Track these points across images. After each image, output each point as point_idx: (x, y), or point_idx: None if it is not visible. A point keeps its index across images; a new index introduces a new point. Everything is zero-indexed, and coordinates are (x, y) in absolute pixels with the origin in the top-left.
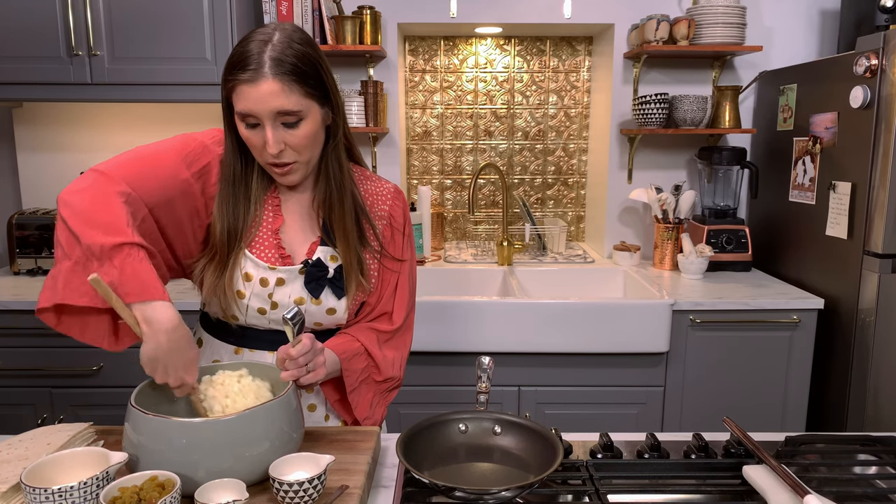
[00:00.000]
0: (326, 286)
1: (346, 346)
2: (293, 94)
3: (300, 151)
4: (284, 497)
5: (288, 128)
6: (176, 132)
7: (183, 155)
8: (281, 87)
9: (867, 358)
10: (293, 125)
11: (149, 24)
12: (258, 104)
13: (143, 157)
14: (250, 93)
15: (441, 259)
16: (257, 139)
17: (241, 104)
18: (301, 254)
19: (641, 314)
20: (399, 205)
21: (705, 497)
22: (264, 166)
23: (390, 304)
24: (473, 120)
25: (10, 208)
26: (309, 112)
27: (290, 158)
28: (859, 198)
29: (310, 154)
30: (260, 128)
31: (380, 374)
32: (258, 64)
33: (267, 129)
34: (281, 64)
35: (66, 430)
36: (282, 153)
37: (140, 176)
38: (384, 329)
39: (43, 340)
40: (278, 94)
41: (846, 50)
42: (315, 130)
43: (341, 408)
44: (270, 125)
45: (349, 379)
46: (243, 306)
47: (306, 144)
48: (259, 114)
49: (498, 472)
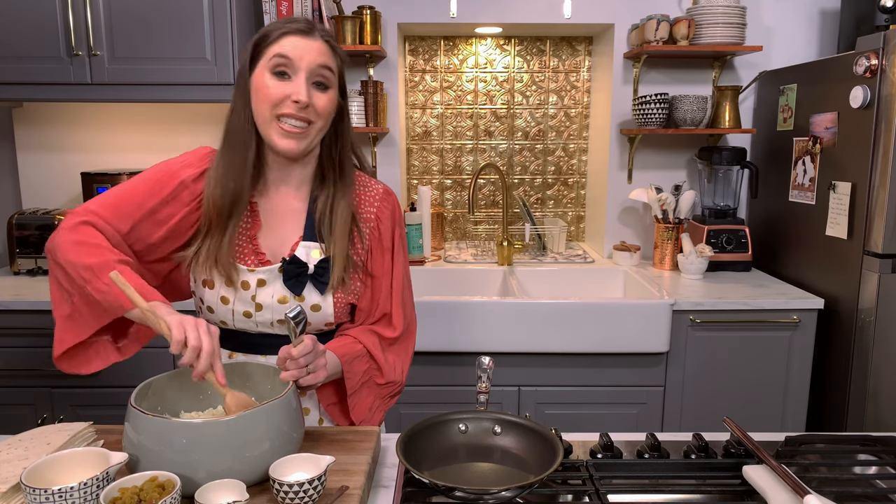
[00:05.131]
0: (308, 282)
1: (347, 348)
2: (334, 60)
3: (321, 115)
4: (284, 498)
5: (317, 88)
6: (176, 132)
7: (149, 187)
8: (328, 50)
9: (867, 358)
10: (323, 87)
11: (149, 24)
12: (308, 53)
13: (114, 194)
14: (302, 42)
15: (441, 259)
16: (280, 89)
17: (286, 48)
18: (283, 254)
19: (641, 314)
20: (388, 207)
21: (705, 497)
22: (269, 123)
23: (388, 304)
24: (473, 120)
25: (10, 208)
26: (334, 86)
27: (311, 116)
28: (859, 198)
29: (324, 123)
30: (287, 78)
31: (382, 377)
32: (310, 25)
33: (301, 79)
34: (330, 37)
35: (66, 430)
36: (307, 108)
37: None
38: (387, 335)
39: (43, 340)
40: (325, 53)
41: (846, 50)
42: (333, 103)
43: (337, 411)
44: (306, 76)
45: (350, 381)
46: (229, 311)
47: (327, 111)
48: (302, 61)
49: (498, 472)
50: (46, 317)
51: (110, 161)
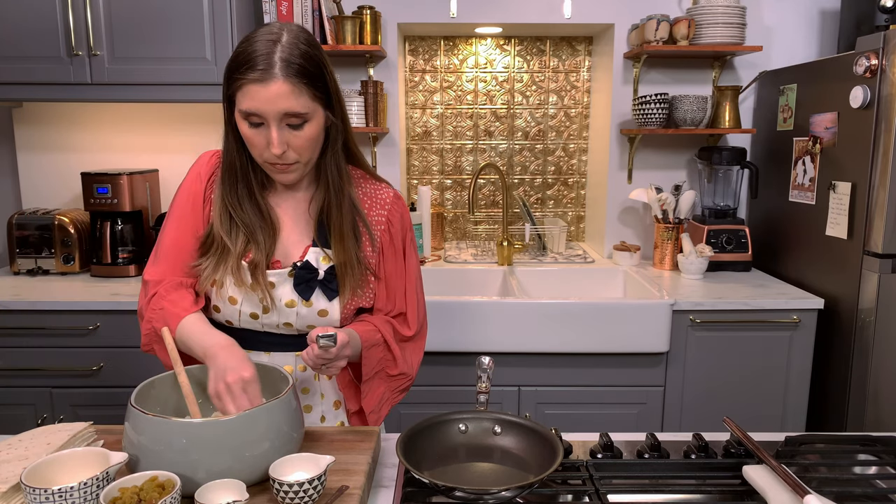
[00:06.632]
0: (317, 288)
1: (368, 334)
2: (302, 97)
3: (301, 153)
4: (284, 497)
5: (292, 129)
6: (176, 132)
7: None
8: (291, 89)
9: (867, 358)
10: (298, 127)
11: (149, 24)
12: (267, 104)
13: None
14: (259, 92)
15: (441, 259)
16: (259, 139)
17: (247, 103)
18: (294, 256)
19: (641, 314)
20: (398, 211)
21: (705, 497)
22: (262, 165)
23: (403, 304)
24: (473, 120)
25: (10, 208)
26: (314, 115)
27: (292, 159)
28: (859, 198)
29: (310, 155)
30: (263, 127)
31: (395, 368)
32: (268, 64)
33: (273, 130)
34: (290, 65)
35: (66, 430)
36: (284, 154)
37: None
38: (403, 333)
39: (43, 340)
40: (287, 96)
41: (846, 50)
42: (318, 133)
43: (351, 394)
44: (276, 126)
45: (366, 368)
46: (235, 312)
47: (309, 146)
48: (266, 114)
49: (498, 472)
50: (46, 317)
51: (110, 161)
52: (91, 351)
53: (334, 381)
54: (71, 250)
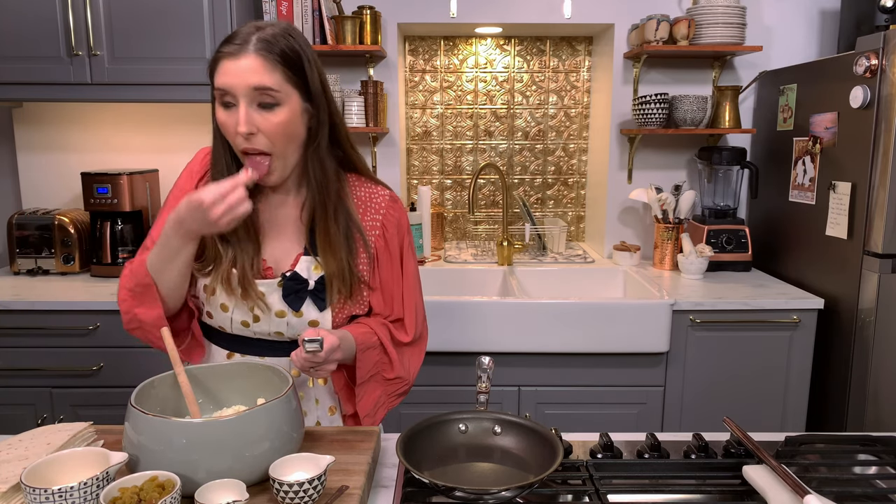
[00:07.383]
0: (307, 298)
1: (364, 337)
2: (274, 74)
3: (273, 140)
4: (284, 497)
5: (263, 109)
6: (176, 132)
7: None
8: (262, 64)
9: (867, 358)
10: (269, 107)
11: (149, 24)
12: (235, 77)
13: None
14: (229, 66)
15: (441, 259)
16: (231, 121)
17: (219, 79)
18: (285, 265)
19: (641, 314)
20: (393, 214)
21: (705, 497)
22: (240, 157)
23: (401, 309)
24: (473, 120)
25: (10, 208)
26: (288, 99)
27: (263, 146)
28: (859, 198)
29: (283, 146)
30: (235, 108)
31: (391, 371)
32: (244, 41)
33: (241, 106)
34: (267, 45)
35: (66, 430)
36: (253, 137)
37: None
38: (400, 339)
39: (43, 340)
40: (257, 70)
41: (846, 50)
42: (291, 120)
43: (345, 396)
44: (245, 102)
45: (361, 371)
46: (227, 318)
47: (280, 133)
48: (235, 88)
49: (498, 472)
50: (46, 317)
51: (110, 161)
52: (91, 351)
53: (329, 387)
54: (71, 250)
